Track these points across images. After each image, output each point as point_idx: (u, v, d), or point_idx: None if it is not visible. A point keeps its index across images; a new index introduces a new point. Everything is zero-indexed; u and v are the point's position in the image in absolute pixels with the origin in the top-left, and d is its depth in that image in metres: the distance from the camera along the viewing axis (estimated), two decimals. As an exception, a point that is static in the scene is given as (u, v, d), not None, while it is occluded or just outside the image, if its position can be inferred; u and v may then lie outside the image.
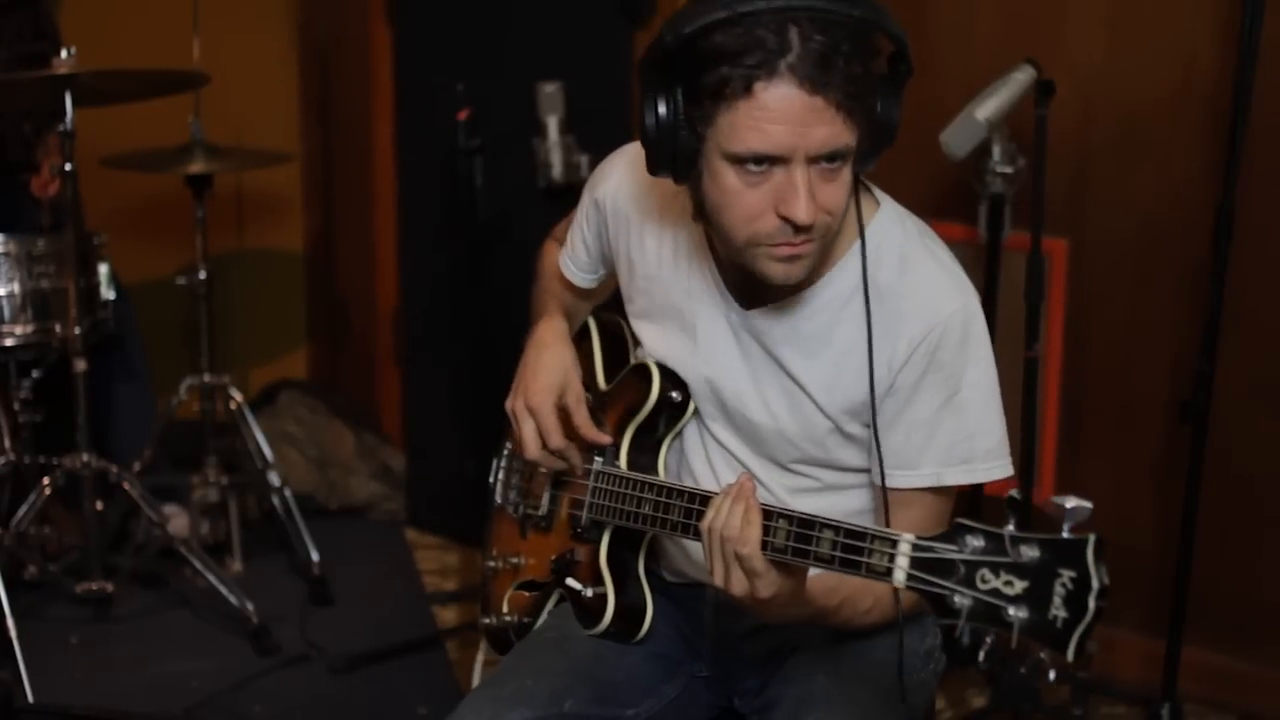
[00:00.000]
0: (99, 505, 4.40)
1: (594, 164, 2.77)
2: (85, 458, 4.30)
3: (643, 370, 2.55)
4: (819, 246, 2.25)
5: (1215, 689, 3.98)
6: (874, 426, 2.31)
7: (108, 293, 4.39)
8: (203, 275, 4.62)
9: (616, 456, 2.54)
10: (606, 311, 2.80)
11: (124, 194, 5.19)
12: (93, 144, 4.42)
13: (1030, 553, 1.83)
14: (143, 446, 4.66)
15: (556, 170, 4.41)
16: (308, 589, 4.61)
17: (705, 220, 2.31)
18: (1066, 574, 1.80)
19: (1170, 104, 3.85)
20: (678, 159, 2.22)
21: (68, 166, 4.13)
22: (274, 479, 4.72)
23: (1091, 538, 1.81)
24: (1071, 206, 4.00)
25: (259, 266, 5.68)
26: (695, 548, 2.51)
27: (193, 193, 4.55)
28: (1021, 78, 3.60)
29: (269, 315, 5.77)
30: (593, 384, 2.67)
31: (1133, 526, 4.00)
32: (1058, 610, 1.80)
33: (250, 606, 4.31)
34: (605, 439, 2.55)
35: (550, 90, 4.39)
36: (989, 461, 2.33)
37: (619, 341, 2.71)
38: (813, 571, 2.19)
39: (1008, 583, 1.83)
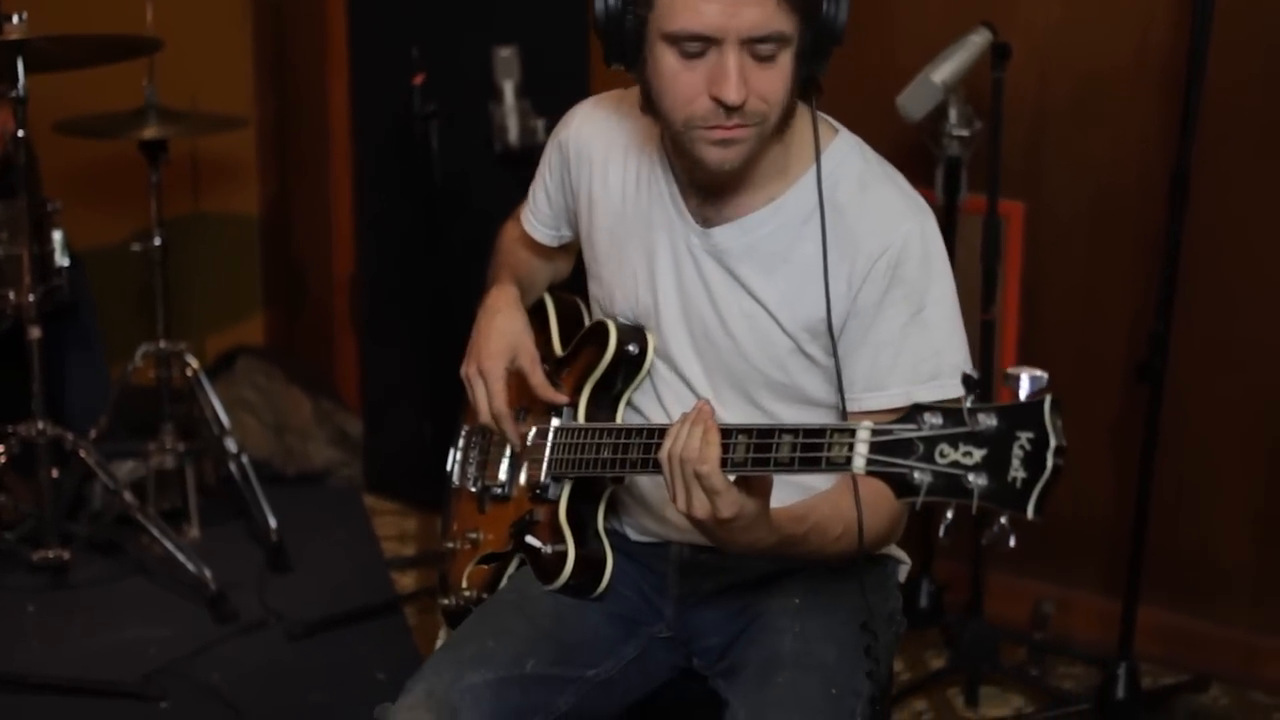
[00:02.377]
0: (54, 473, 4.39)
1: (550, 129, 2.78)
2: (40, 425, 4.28)
3: (599, 327, 2.57)
4: (756, 134, 2.29)
5: (1171, 648, 4.00)
6: (832, 339, 2.34)
7: (62, 260, 4.36)
8: (158, 241, 4.59)
9: (574, 415, 2.55)
10: (563, 290, 2.82)
11: (78, 160, 5.15)
12: (46, 110, 4.39)
13: (988, 421, 1.84)
14: (98, 414, 4.63)
15: (513, 135, 4.39)
16: (265, 555, 4.60)
17: (652, 113, 2.37)
18: (1024, 436, 1.81)
19: (1126, 68, 3.86)
20: (626, 45, 2.30)
21: (20, 133, 4.10)
22: (231, 445, 4.70)
23: (1048, 398, 1.82)
24: (1028, 169, 4.00)
25: (214, 232, 5.64)
26: (659, 500, 2.53)
27: (147, 158, 4.52)
28: (978, 40, 3.61)
29: (225, 281, 5.74)
30: (549, 353, 2.68)
31: (1089, 488, 4.02)
32: (1016, 472, 1.81)
33: (208, 573, 4.29)
34: (561, 398, 2.56)
35: (506, 54, 4.36)
36: (956, 377, 2.28)
37: (575, 315, 2.74)
38: (788, 498, 2.24)
39: (967, 453, 1.85)
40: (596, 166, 2.60)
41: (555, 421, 2.56)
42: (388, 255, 5.11)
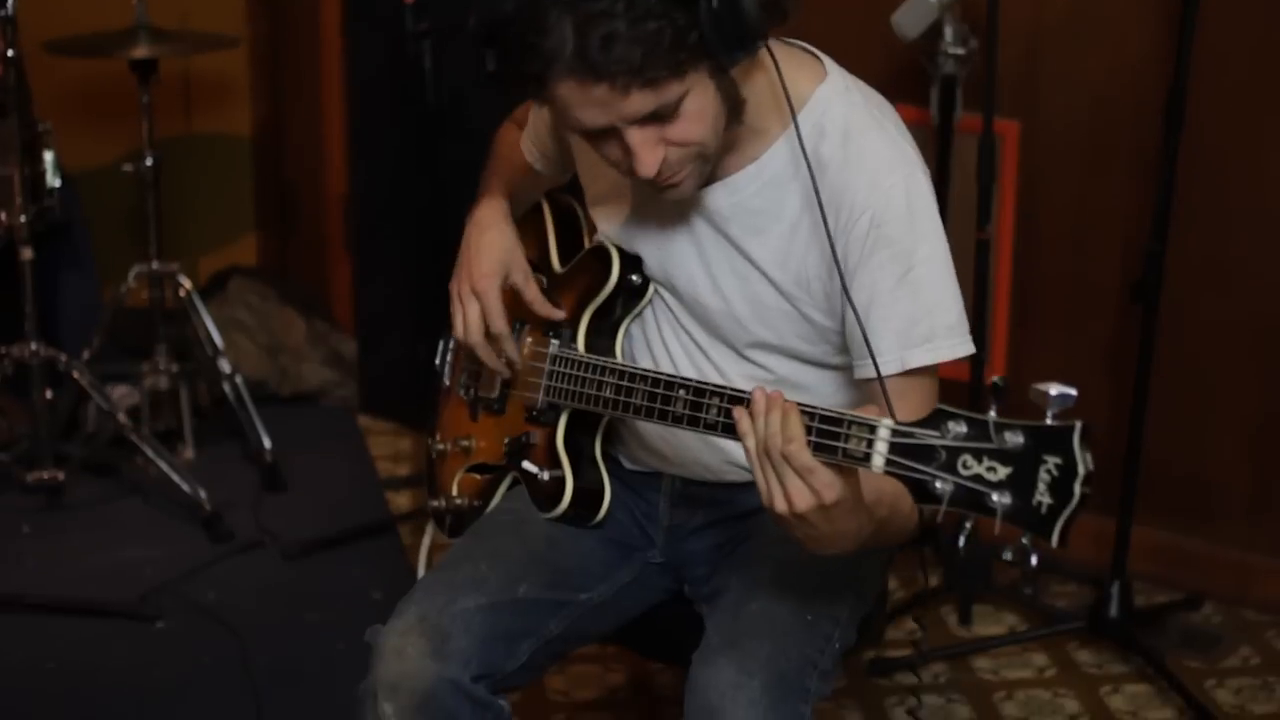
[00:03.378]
0: (48, 394, 4.38)
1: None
2: (33, 346, 4.28)
3: (601, 252, 2.53)
4: (696, 167, 2.24)
5: (1164, 567, 4.02)
6: (845, 289, 2.26)
7: (53, 180, 4.34)
8: (149, 162, 4.56)
9: (573, 339, 2.51)
10: (560, 193, 2.77)
11: (68, 80, 5.12)
12: (35, 29, 4.36)
13: (1014, 439, 1.80)
14: (90, 335, 4.63)
15: (506, 54, 4.35)
16: (260, 476, 4.61)
17: None
18: (1052, 460, 1.78)
19: (1123, -16, 3.85)
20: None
21: (10, 52, 4.07)
22: (225, 366, 4.70)
23: (1078, 424, 1.79)
24: (1023, 88, 3.98)
25: (206, 153, 5.62)
26: (653, 433, 2.53)
27: (138, 78, 4.49)
28: (974, -43, 3.58)
29: (217, 202, 5.71)
30: (546, 265, 2.65)
31: (1083, 407, 3.98)
32: (1042, 496, 1.78)
33: (203, 494, 4.30)
34: (559, 314, 2.53)
35: (499, -28, 4.32)
36: (951, 339, 2.27)
37: (573, 222, 2.68)
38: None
39: (990, 469, 1.81)
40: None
41: (554, 343, 2.53)
42: (381, 175, 5.09)
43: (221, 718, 3.51)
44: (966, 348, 2.29)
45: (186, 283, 4.67)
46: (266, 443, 4.62)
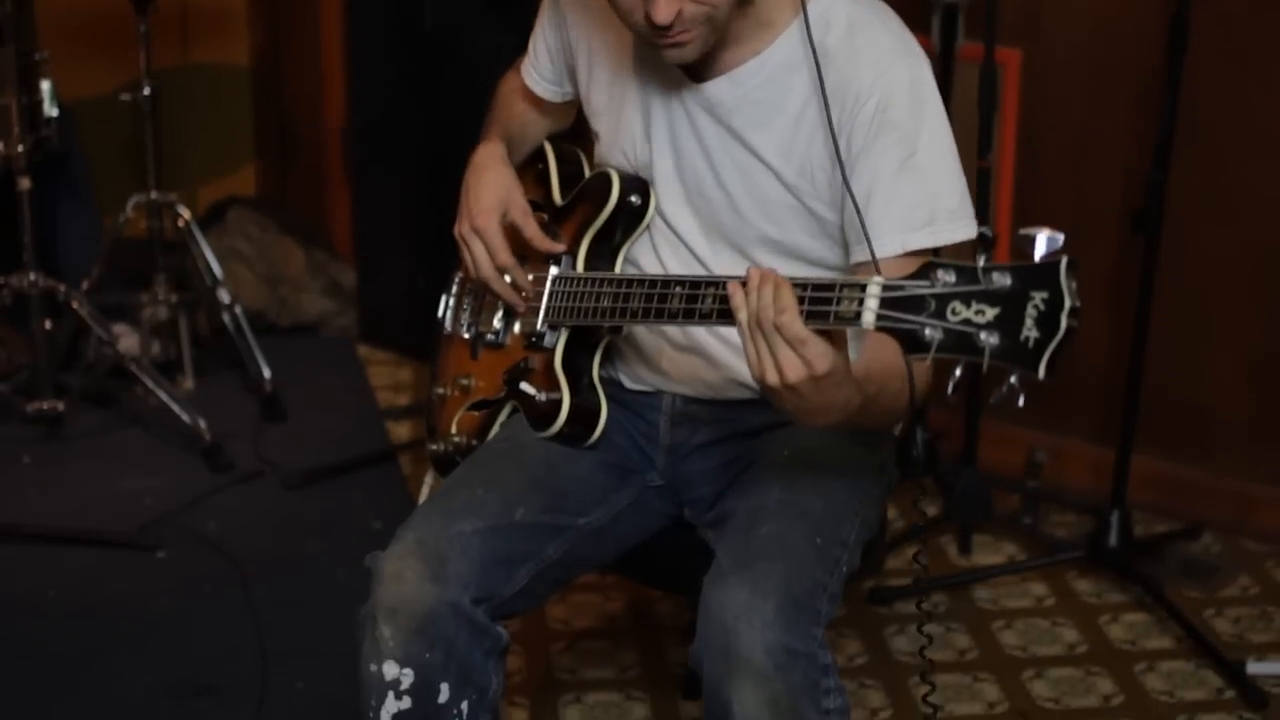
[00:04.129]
0: (48, 325, 4.38)
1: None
2: (32, 277, 4.27)
3: (602, 176, 2.54)
4: (705, 30, 2.26)
5: (1164, 497, 4.02)
6: (844, 177, 2.30)
7: (51, 110, 4.33)
8: (147, 91, 4.54)
9: (573, 265, 2.54)
10: (563, 140, 2.79)
11: (65, 9, 5.09)
12: (32, -43, 4.34)
13: (1002, 280, 1.83)
14: (89, 265, 4.62)
15: (506, -20, 4.34)
16: (260, 406, 4.61)
17: None
18: (1039, 296, 1.81)
19: (1125, -91, 3.82)
20: None
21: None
22: (224, 296, 4.69)
23: (1064, 259, 1.81)
24: (1025, 16, 3.96)
25: (205, 82, 5.59)
26: (655, 349, 2.54)
27: (135, 7, 4.46)
28: (976, -117, 3.56)
29: (216, 132, 5.69)
30: (548, 203, 2.67)
31: (1083, 336, 3.97)
32: (1029, 331, 1.81)
33: (203, 424, 4.30)
34: (558, 247, 2.55)
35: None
36: (953, 222, 2.30)
37: (575, 164, 2.71)
38: None
39: (979, 311, 1.84)
40: (595, 25, 2.56)
41: (554, 270, 2.55)
42: (380, 104, 5.07)
43: (222, 646, 3.51)
44: (969, 230, 2.31)
45: (185, 213, 4.66)
46: (266, 373, 4.62)
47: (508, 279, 2.55)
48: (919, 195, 2.29)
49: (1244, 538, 3.97)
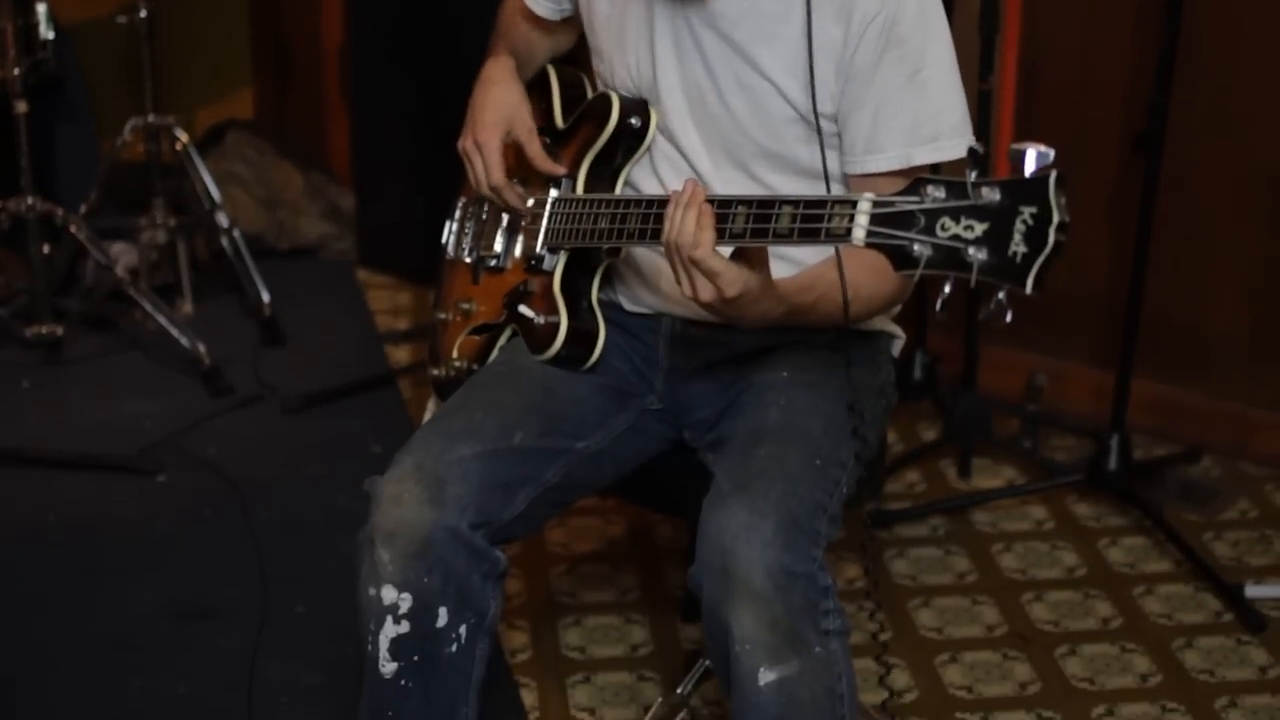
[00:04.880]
0: (46, 249, 4.37)
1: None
2: (30, 201, 4.26)
3: (603, 100, 2.54)
4: None
5: (1164, 420, 4.02)
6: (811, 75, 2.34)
7: (47, 33, 4.30)
8: (143, 14, 4.51)
9: (573, 188, 2.54)
10: (565, 63, 2.78)
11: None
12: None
13: (991, 195, 1.83)
14: (87, 189, 4.60)
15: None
16: (259, 330, 4.60)
17: None
18: (1027, 210, 1.81)
19: None
20: None
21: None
22: (222, 220, 4.68)
23: (1053, 174, 1.81)
24: (1027, -64, 3.94)
25: (202, 4, 5.56)
26: (654, 271, 2.53)
27: (130, -73, 4.45)
28: None
29: (213, 55, 5.66)
30: (550, 126, 2.65)
31: (1084, 260, 4.01)
32: (1017, 246, 1.81)
33: (202, 348, 4.30)
34: (559, 169, 2.55)
35: None
36: (956, 138, 2.34)
37: (578, 87, 2.71)
38: (781, 273, 2.24)
39: (968, 227, 1.84)
40: None
41: (554, 192, 2.54)
42: (378, 25, 5.03)
43: (222, 569, 3.52)
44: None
45: (183, 136, 4.64)
46: (265, 296, 4.61)
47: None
48: (924, 111, 2.33)
49: (1243, 461, 3.97)
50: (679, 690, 2.88)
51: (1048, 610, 3.43)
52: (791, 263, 2.39)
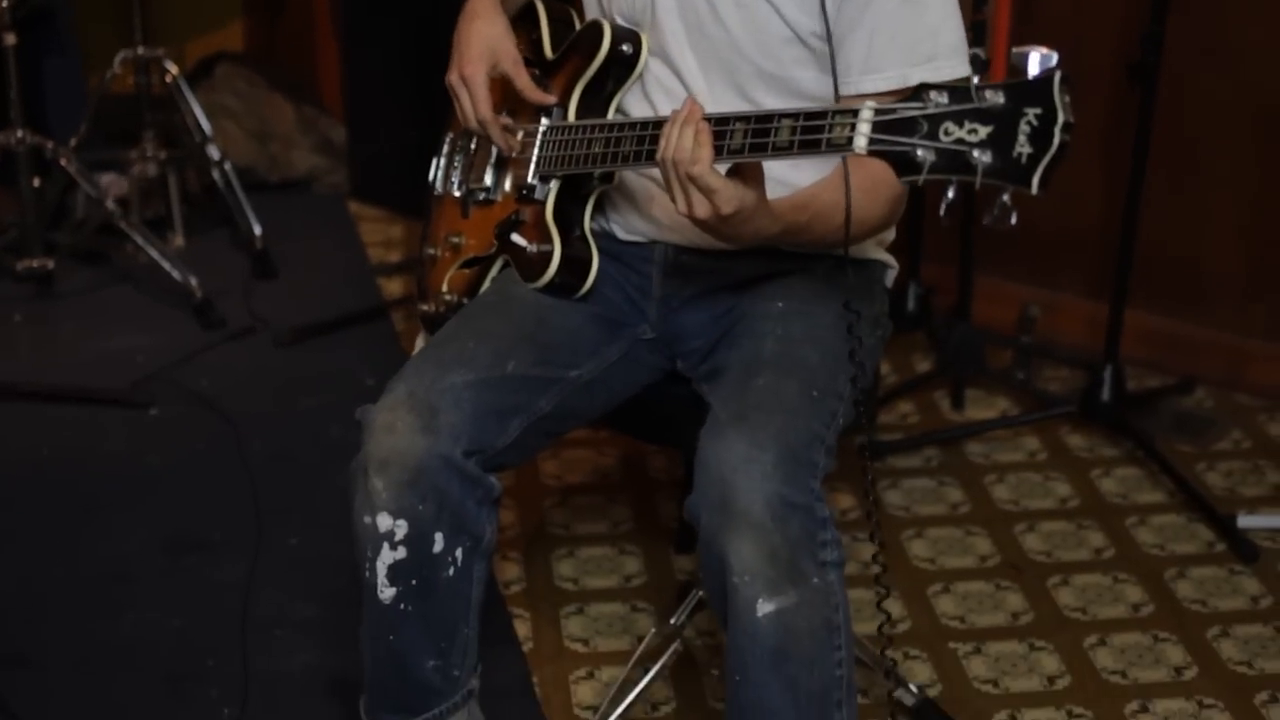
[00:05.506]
0: (36, 182, 4.35)
1: None
2: (19, 133, 4.24)
3: (593, 28, 2.52)
4: None
5: (1157, 351, 4.02)
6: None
7: (33, -37, 4.28)
8: (132, -56, 4.50)
9: (564, 116, 2.52)
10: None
11: None
12: None
13: (995, 98, 1.83)
14: (77, 122, 4.58)
15: None
16: (251, 263, 4.59)
17: None
18: (1032, 112, 1.80)
19: None
20: None
21: None
22: (213, 153, 4.65)
23: (1058, 73, 1.80)
24: None
25: (191, -66, 5.53)
26: (647, 197, 2.52)
27: None
28: None
29: (203, -14, 5.64)
30: (539, 58, 2.63)
31: (1078, 191, 4.00)
32: (1022, 147, 1.80)
33: (194, 281, 4.29)
34: (549, 98, 2.53)
35: None
36: (952, 59, 2.33)
37: (566, 19, 2.69)
38: (781, 192, 2.26)
39: (972, 130, 1.84)
40: None
41: (545, 121, 2.53)
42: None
43: (216, 503, 3.53)
44: (965, 68, 2.35)
45: (173, 68, 4.62)
46: (257, 229, 4.60)
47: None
48: (922, 30, 2.32)
49: (1237, 392, 3.97)
50: (672, 621, 2.88)
51: (1040, 541, 3.43)
52: (787, 186, 2.38)
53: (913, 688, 2.89)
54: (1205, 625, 3.17)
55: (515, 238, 2.54)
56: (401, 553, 2.38)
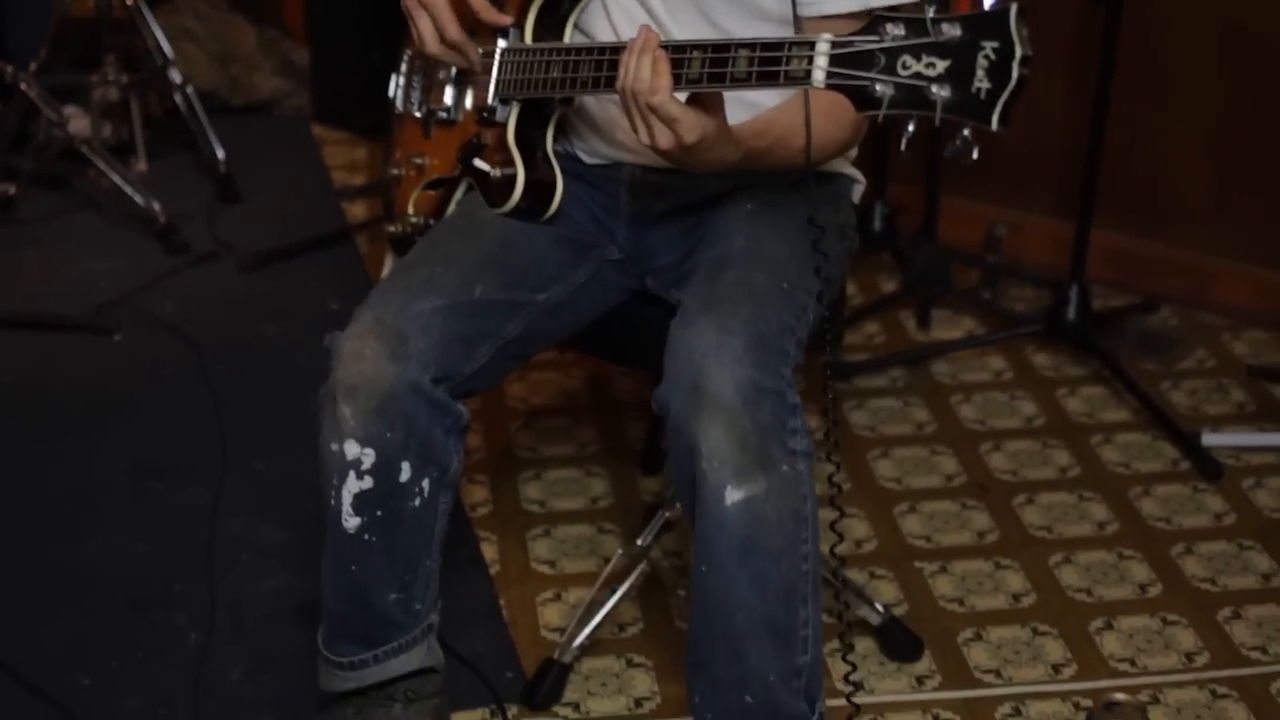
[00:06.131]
0: (-4, 106, 4.33)
1: None
2: (-22, 58, 4.21)
3: None
4: None
5: (1122, 271, 4.03)
6: None
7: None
8: None
9: (521, 37, 2.48)
10: None
11: None
12: None
13: (952, 31, 1.82)
14: (37, 45, 4.54)
15: None
16: (214, 187, 4.57)
17: None
18: (989, 45, 1.79)
19: None
20: None
21: None
22: (175, 77, 4.61)
23: (1014, 6, 1.79)
24: None
25: None
26: (609, 121, 2.51)
27: None
28: None
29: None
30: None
31: (1043, 110, 3.99)
32: (980, 83, 1.80)
33: (157, 206, 4.26)
34: (505, 19, 2.49)
35: None
36: None
37: None
38: (741, 117, 2.25)
39: (929, 64, 1.83)
40: None
41: (502, 43, 2.50)
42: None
43: (181, 428, 3.52)
44: None
45: (134, -9, 4.58)
46: (220, 153, 4.57)
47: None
48: None
49: (1201, 311, 3.99)
50: (639, 542, 2.89)
51: (1006, 460, 3.45)
52: (750, 108, 2.37)
53: (879, 606, 2.90)
54: (1169, 543, 3.19)
55: (478, 162, 2.52)
56: (368, 482, 2.38)
